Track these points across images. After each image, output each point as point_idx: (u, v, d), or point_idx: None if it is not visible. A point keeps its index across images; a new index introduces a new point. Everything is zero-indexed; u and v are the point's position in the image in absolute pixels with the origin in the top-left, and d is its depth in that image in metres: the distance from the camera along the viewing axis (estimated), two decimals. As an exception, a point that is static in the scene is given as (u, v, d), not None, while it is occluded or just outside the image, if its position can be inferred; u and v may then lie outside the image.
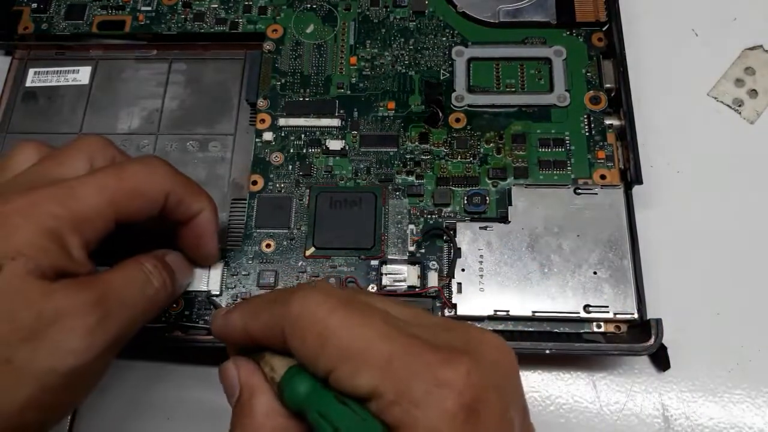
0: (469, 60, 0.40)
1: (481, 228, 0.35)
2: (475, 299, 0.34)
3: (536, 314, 0.33)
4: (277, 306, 0.23)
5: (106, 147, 0.30)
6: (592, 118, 0.38)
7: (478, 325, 0.26)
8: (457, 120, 0.39)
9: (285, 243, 0.36)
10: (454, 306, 0.34)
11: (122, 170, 0.28)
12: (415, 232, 0.36)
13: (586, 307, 0.33)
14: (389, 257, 0.35)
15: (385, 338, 0.21)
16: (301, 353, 0.22)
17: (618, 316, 0.33)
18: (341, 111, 0.39)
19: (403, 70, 0.40)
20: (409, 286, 0.34)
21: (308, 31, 0.42)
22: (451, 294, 0.34)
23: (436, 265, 0.35)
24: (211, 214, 0.32)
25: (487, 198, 0.36)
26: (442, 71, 0.40)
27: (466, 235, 0.35)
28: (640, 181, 0.35)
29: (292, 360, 0.23)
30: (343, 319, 0.21)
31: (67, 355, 0.24)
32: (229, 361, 0.24)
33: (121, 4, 0.43)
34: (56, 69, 0.42)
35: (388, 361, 0.20)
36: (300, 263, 0.36)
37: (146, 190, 0.28)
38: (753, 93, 0.42)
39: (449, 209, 0.37)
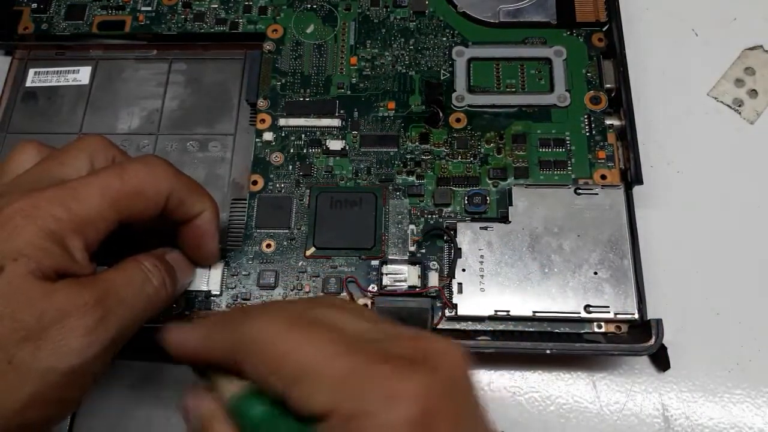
0: (470, 60, 0.40)
1: (481, 228, 0.35)
2: (475, 299, 0.34)
3: (537, 314, 0.33)
4: (230, 328, 0.23)
5: (107, 147, 0.30)
6: (592, 118, 0.38)
7: (435, 335, 0.27)
8: (458, 120, 0.39)
9: (285, 243, 0.36)
10: (455, 306, 0.34)
11: (124, 171, 0.28)
12: (415, 232, 0.36)
13: (586, 307, 0.33)
14: (390, 257, 0.35)
15: (338, 356, 0.21)
16: (255, 373, 0.22)
17: (618, 316, 0.33)
18: (341, 111, 0.39)
19: (404, 70, 0.40)
20: (409, 286, 0.34)
21: (308, 31, 0.42)
22: (452, 294, 0.34)
23: (437, 265, 0.35)
24: (212, 215, 0.32)
25: (488, 198, 0.36)
26: (442, 71, 0.40)
27: (467, 235, 0.35)
28: (640, 181, 0.35)
29: (244, 383, 0.23)
30: (295, 340, 0.22)
31: (68, 355, 0.24)
32: (190, 395, 0.25)
33: (121, 4, 0.43)
34: (56, 69, 0.42)
35: (341, 379, 0.20)
36: (300, 263, 0.36)
37: (148, 191, 0.28)
38: (753, 93, 0.42)
39: (450, 209, 0.37)
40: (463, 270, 0.34)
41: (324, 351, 0.21)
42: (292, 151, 0.38)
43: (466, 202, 0.36)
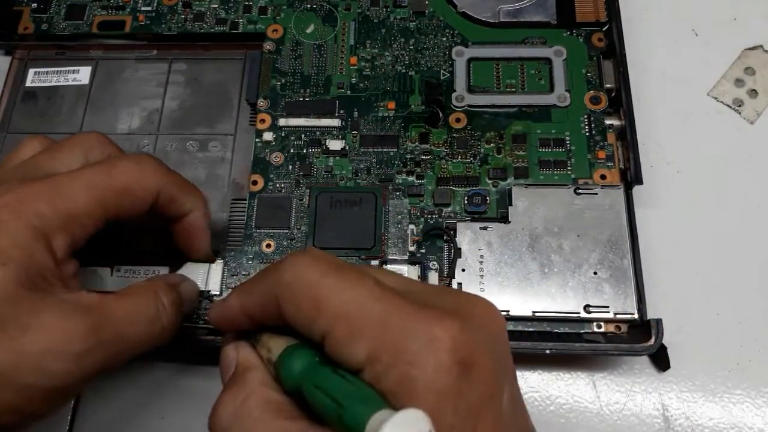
0: (470, 60, 0.40)
1: (481, 228, 0.35)
2: (475, 299, 0.34)
3: (536, 314, 0.33)
4: (269, 276, 0.23)
5: (104, 143, 0.30)
6: (592, 118, 0.38)
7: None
8: (458, 120, 0.39)
9: (285, 243, 0.36)
10: (455, 306, 0.34)
11: (112, 167, 0.27)
12: (415, 232, 0.36)
13: (586, 307, 0.33)
14: (389, 257, 0.35)
15: (378, 300, 0.21)
16: (296, 319, 0.21)
17: (618, 316, 0.33)
18: (341, 111, 0.39)
19: (404, 70, 0.40)
20: (409, 286, 0.34)
21: (308, 31, 0.42)
22: (452, 294, 0.34)
23: (437, 265, 0.35)
24: (202, 213, 0.31)
25: (488, 198, 0.36)
26: (442, 71, 0.40)
27: (467, 235, 0.35)
28: (640, 181, 0.35)
29: (290, 339, 0.23)
30: (336, 282, 0.21)
31: (47, 377, 0.23)
32: (230, 344, 0.24)
33: (121, 4, 0.43)
34: (56, 69, 0.42)
35: (382, 323, 0.20)
36: (300, 263, 0.36)
37: (136, 188, 0.28)
38: (753, 93, 0.42)
39: (449, 209, 0.37)
40: (463, 270, 0.34)
41: (367, 293, 0.21)
42: (292, 151, 0.38)
43: (466, 202, 0.36)
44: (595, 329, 0.34)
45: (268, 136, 0.39)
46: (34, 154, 0.29)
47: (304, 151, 0.38)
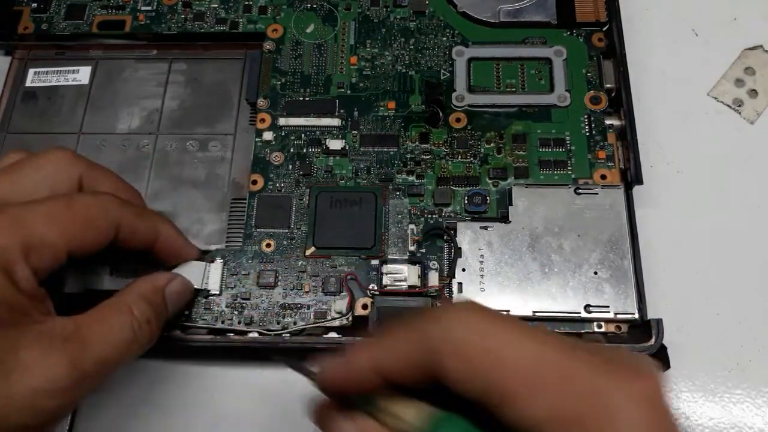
0: (470, 60, 0.40)
1: (481, 228, 0.35)
2: (475, 299, 0.34)
3: (537, 314, 0.33)
4: (423, 330, 0.20)
5: (73, 163, 0.29)
6: (592, 118, 0.38)
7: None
8: (458, 120, 0.39)
9: (285, 243, 0.36)
10: (455, 306, 0.34)
11: (73, 201, 0.27)
12: (415, 232, 0.36)
13: (586, 307, 0.33)
14: (390, 257, 0.35)
15: (562, 352, 0.19)
16: (463, 376, 0.19)
17: (618, 316, 0.33)
18: (341, 111, 0.39)
19: (404, 70, 0.40)
20: (409, 286, 0.34)
21: (308, 30, 0.42)
22: (452, 294, 0.34)
23: (437, 265, 0.35)
24: (170, 232, 0.32)
25: (488, 198, 0.36)
26: (442, 71, 0.40)
27: (467, 235, 0.35)
28: (640, 181, 0.35)
29: (422, 404, 0.20)
30: (512, 333, 0.19)
31: (39, 415, 0.23)
32: (341, 417, 0.22)
33: (121, 4, 0.43)
34: (56, 69, 0.42)
35: (568, 378, 0.18)
36: (300, 263, 0.36)
37: (97, 222, 0.27)
38: (753, 93, 0.42)
39: (450, 209, 0.36)
40: (463, 270, 0.34)
41: (544, 347, 0.19)
42: (292, 150, 0.38)
43: (466, 201, 0.36)
44: (596, 329, 0.34)
45: (268, 135, 0.39)
46: None
47: (304, 150, 0.38)
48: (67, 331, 0.25)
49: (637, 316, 0.33)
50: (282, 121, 0.39)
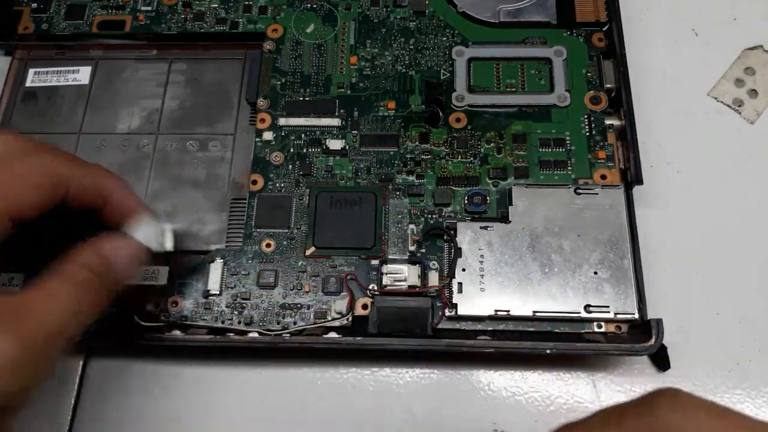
0: (470, 60, 0.40)
1: (481, 228, 0.35)
2: (475, 299, 0.34)
3: (537, 314, 0.33)
4: (640, 419, 0.21)
5: (15, 137, 0.28)
6: (592, 118, 0.38)
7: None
8: (458, 120, 0.39)
9: (285, 243, 0.36)
10: (455, 306, 0.34)
11: (6, 162, 0.26)
12: (415, 232, 0.36)
13: (586, 307, 0.33)
14: (389, 257, 0.35)
15: None
16: None
17: (618, 316, 0.33)
18: (341, 111, 0.39)
19: (404, 70, 0.40)
20: (409, 286, 0.34)
21: (308, 30, 0.42)
22: (452, 294, 0.34)
23: (437, 265, 0.35)
24: (122, 190, 0.30)
25: (488, 198, 0.36)
26: (442, 71, 0.40)
27: (467, 235, 0.35)
28: (640, 181, 0.35)
29: None
30: (724, 421, 0.21)
31: None
32: None
33: (121, 4, 0.43)
34: (56, 69, 0.42)
35: None
36: (300, 263, 0.36)
37: (37, 180, 0.26)
38: (753, 93, 0.42)
39: (450, 209, 0.36)
40: (463, 270, 0.34)
41: None
42: (292, 150, 0.38)
43: (466, 201, 0.36)
44: (596, 329, 0.34)
45: (268, 135, 0.39)
46: None
47: (304, 150, 0.38)
48: (9, 306, 0.24)
49: (637, 316, 0.33)
50: (282, 121, 0.39)
